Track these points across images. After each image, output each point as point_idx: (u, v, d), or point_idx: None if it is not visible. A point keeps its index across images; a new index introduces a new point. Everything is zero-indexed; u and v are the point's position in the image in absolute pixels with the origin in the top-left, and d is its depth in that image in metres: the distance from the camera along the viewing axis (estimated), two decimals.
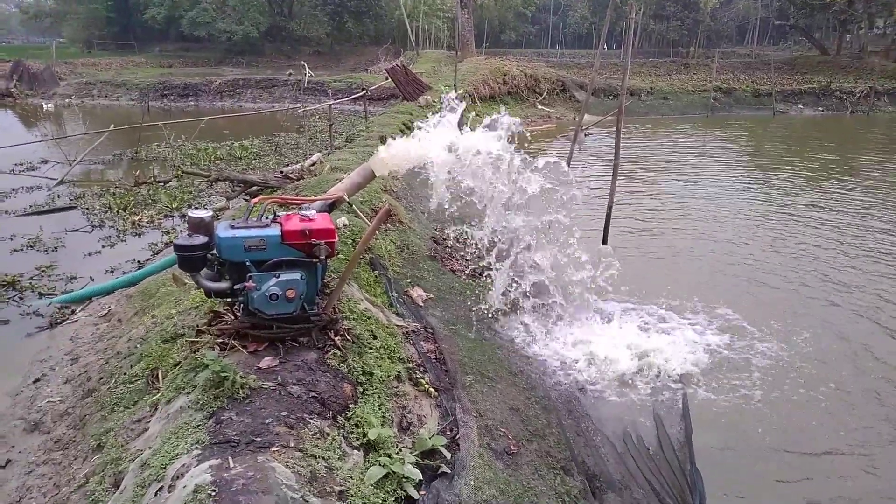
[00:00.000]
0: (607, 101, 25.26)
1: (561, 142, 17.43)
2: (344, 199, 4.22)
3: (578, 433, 3.79)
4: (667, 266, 7.65)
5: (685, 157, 16.17)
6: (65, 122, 21.90)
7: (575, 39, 58.06)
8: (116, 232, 8.10)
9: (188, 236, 3.08)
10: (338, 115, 19.66)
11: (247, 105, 27.58)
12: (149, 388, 3.46)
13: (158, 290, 5.11)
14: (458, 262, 6.16)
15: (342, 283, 3.65)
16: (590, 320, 5.35)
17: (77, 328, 5.24)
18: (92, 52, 44.44)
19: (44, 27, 57.66)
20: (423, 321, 4.62)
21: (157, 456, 2.56)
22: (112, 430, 3.21)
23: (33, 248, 7.48)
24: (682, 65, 37.56)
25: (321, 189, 5.91)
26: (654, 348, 5.04)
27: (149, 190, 10.03)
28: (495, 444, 3.33)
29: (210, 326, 3.46)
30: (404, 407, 3.43)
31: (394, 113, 14.80)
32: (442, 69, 26.94)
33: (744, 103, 28.36)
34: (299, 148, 14.28)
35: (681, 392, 4.54)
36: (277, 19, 44.01)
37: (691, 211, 10.43)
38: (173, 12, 41.93)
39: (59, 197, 9.95)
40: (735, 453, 4.05)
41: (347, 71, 36.35)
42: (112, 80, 30.77)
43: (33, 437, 3.83)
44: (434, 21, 43.12)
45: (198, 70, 35.50)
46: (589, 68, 32.49)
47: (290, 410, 2.80)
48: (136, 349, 4.06)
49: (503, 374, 4.19)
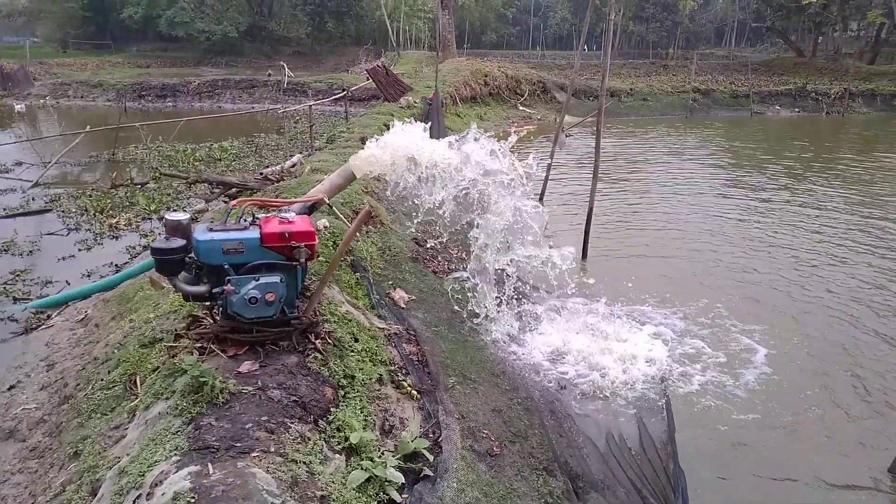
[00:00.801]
0: (588, 102, 25.44)
1: (542, 142, 17.51)
2: (324, 200, 4.19)
3: (561, 434, 3.81)
4: (648, 266, 7.71)
5: (664, 157, 16.34)
6: (39, 124, 21.52)
7: (555, 40, 58.41)
8: (93, 235, 7.99)
9: (166, 239, 3.04)
10: (318, 115, 19.56)
11: (226, 106, 27.34)
12: (127, 394, 3.41)
13: (136, 293, 5.04)
14: (441, 263, 6.15)
15: (322, 285, 3.63)
16: (571, 321, 5.38)
17: (53, 333, 5.15)
18: (67, 51, 43.74)
19: (17, 26, 56.51)
20: (405, 323, 4.60)
21: (135, 463, 2.52)
22: (89, 437, 3.15)
23: (7, 251, 7.35)
24: (661, 66, 37.99)
25: (301, 191, 5.87)
26: (636, 348, 5.08)
27: (126, 192, 9.89)
28: (478, 446, 3.33)
29: (189, 331, 3.41)
30: (386, 410, 3.42)
31: (375, 114, 14.77)
32: (423, 70, 26.91)
33: (722, 104, 28.71)
34: (279, 149, 14.19)
35: (663, 391, 4.58)
36: (257, 19, 43.69)
37: (672, 211, 10.53)
38: (151, 11, 41.44)
39: (34, 199, 9.79)
40: (718, 452, 4.10)
41: (328, 71, 36.20)
42: (88, 80, 30.31)
43: (8, 445, 3.75)
44: (415, 22, 43.07)
45: (176, 70, 35.12)
46: (569, 69, 32.66)
47: (270, 415, 2.78)
48: (113, 354, 4.00)
49: (485, 375, 4.20)
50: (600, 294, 6.02)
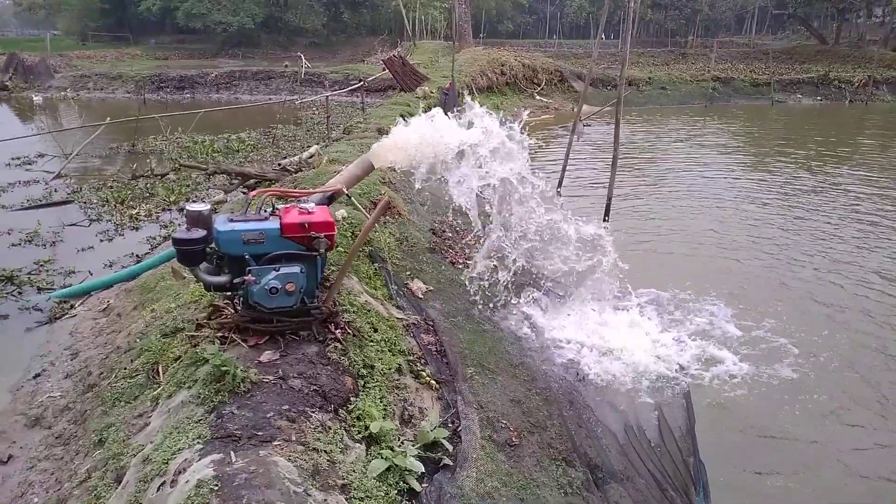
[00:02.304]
0: (605, 91, 25.18)
1: (559, 132, 17.39)
2: (343, 191, 4.20)
3: (580, 424, 3.79)
4: (668, 257, 7.65)
5: (684, 146, 16.15)
6: (60, 116, 21.78)
7: (572, 29, 57.80)
8: (114, 226, 8.06)
9: (187, 230, 3.06)
10: (335, 106, 19.56)
11: (243, 97, 27.44)
12: (149, 382, 3.45)
13: (157, 283, 5.09)
14: (458, 253, 6.14)
15: (342, 275, 3.64)
16: (590, 311, 5.34)
17: (76, 323, 5.22)
18: (87, 44, 44.09)
19: (38, 19, 57.23)
20: (424, 313, 4.60)
21: (158, 451, 2.55)
22: (113, 425, 3.20)
23: (31, 242, 7.45)
24: (680, 54, 37.47)
25: (319, 181, 5.89)
26: (656, 339, 5.04)
27: (146, 183, 9.98)
28: (497, 436, 3.33)
29: (210, 320, 3.45)
30: (406, 399, 3.43)
31: (391, 104, 14.74)
32: (439, 60, 26.80)
33: (742, 93, 28.29)
34: (296, 140, 14.21)
35: (683, 383, 4.54)
36: (273, 10, 43.69)
37: (692, 200, 10.42)
38: (168, 3, 41.58)
39: (56, 191, 9.90)
40: (740, 446, 4.06)
41: (344, 62, 36.16)
42: (107, 72, 30.54)
43: (34, 432, 3.82)
44: (431, 11, 42.83)
45: (194, 62, 35.26)
46: (587, 58, 32.36)
47: (291, 404, 2.80)
48: (136, 343, 4.05)
49: (504, 365, 4.19)
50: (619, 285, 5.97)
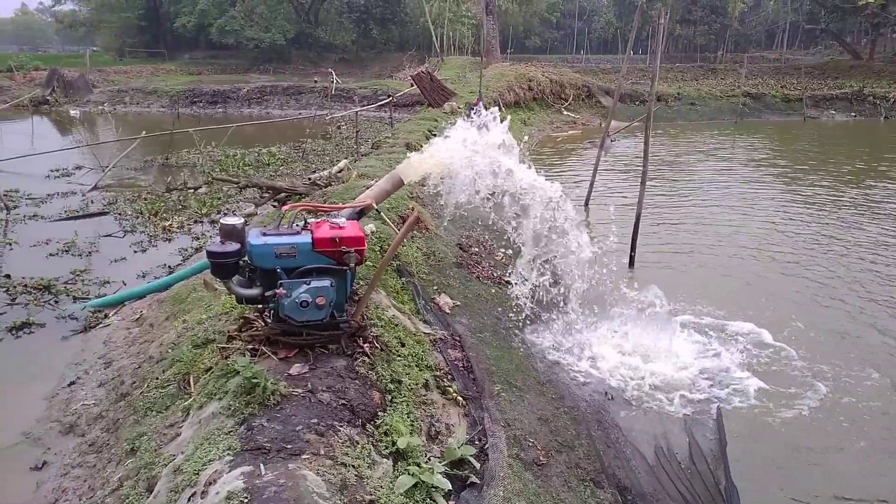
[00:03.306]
0: (633, 106, 25.10)
1: (587, 148, 17.33)
2: (372, 206, 4.23)
3: (608, 444, 3.74)
4: (698, 274, 7.54)
5: (713, 162, 15.97)
6: (98, 129, 22.40)
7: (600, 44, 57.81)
8: (147, 237, 8.24)
9: (220, 243, 3.11)
10: (363, 121, 19.79)
11: (274, 112, 27.94)
12: (181, 392, 3.50)
13: (189, 295, 5.18)
14: (485, 269, 6.13)
15: (371, 290, 3.66)
16: (620, 330, 5.29)
17: (110, 332, 5.33)
18: (124, 59, 45.46)
19: (78, 36, 59.15)
20: (450, 329, 4.60)
21: (189, 461, 2.58)
22: (145, 434, 3.25)
23: (68, 252, 7.64)
24: (709, 70, 37.19)
25: (349, 196, 5.95)
26: (686, 358, 4.96)
27: (179, 196, 10.20)
28: (524, 455, 3.30)
29: (241, 332, 3.49)
30: (432, 415, 3.42)
31: (419, 120, 14.86)
32: (466, 75, 26.98)
33: (773, 109, 27.92)
34: (325, 154, 14.40)
35: (714, 404, 4.45)
36: (304, 27, 44.58)
37: (722, 218, 10.27)
38: (203, 20, 42.73)
39: (92, 202, 10.16)
40: (773, 470, 3.96)
41: (372, 77, 36.64)
42: (143, 87, 31.41)
43: (68, 439, 3.90)
44: (458, 28, 43.24)
45: (226, 77, 36.05)
46: (614, 74, 32.30)
47: (320, 418, 2.81)
48: (167, 354, 4.11)
49: (531, 383, 4.16)
50: (648, 303, 5.90)
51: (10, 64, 35.84)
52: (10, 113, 23.25)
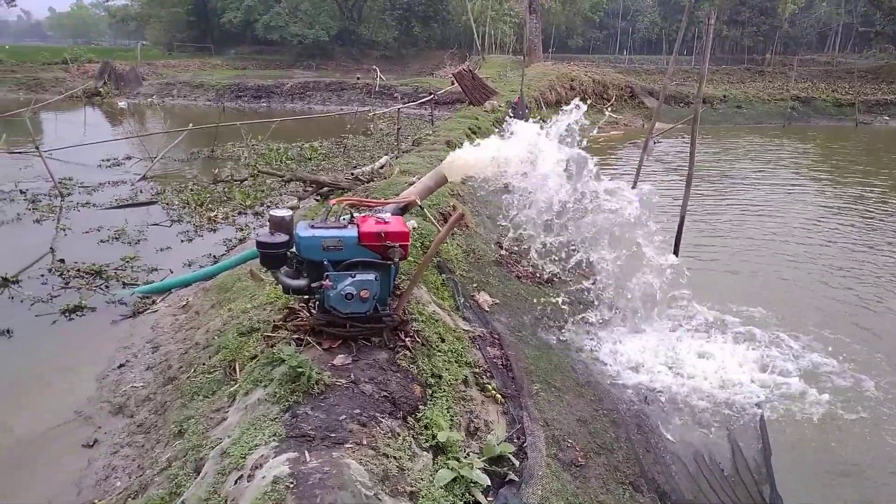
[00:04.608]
0: (678, 108, 24.68)
1: (629, 149, 17.10)
2: (416, 202, 4.27)
3: (648, 449, 3.70)
4: (742, 279, 7.39)
5: (759, 166, 15.59)
6: (146, 120, 23.05)
7: (644, 45, 56.89)
8: (193, 227, 8.45)
9: (270, 234, 3.18)
10: (404, 118, 19.92)
11: (316, 107, 28.31)
12: (226, 378, 3.59)
13: (234, 284, 5.30)
14: (524, 268, 6.12)
15: (413, 284, 3.69)
16: (661, 333, 5.21)
17: (158, 318, 5.49)
18: (172, 53, 46.58)
19: (129, 30, 60.98)
20: (489, 326, 4.61)
21: (236, 445, 2.64)
22: (192, 417, 3.34)
23: (118, 239, 7.89)
24: (756, 72, 36.25)
25: (391, 191, 6.00)
26: (729, 364, 4.86)
27: (224, 187, 10.43)
28: (563, 455, 3.29)
29: (286, 322, 3.56)
30: (472, 412, 3.43)
31: (460, 117, 14.87)
32: (507, 74, 26.89)
33: (823, 113, 27.10)
34: (366, 150, 14.54)
35: (758, 412, 4.35)
36: (347, 23, 45.01)
37: (767, 224, 10.03)
38: (249, 16, 43.48)
39: (141, 192, 10.48)
40: (818, 481, 3.86)
41: (413, 75, 36.81)
42: (190, 80, 32.18)
43: (118, 419, 4.03)
44: (501, 26, 43.08)
45: (270, 72, 36.65)
46: (658, 74, 31.78)
47: (362, 408, 2.85)
48: (213, 341, 4.22)
49: (570, 384, 4.14)
50: (691, 306, 5.81)
51: (66, 56, 37.13)
52: (64, 103, 24.10)
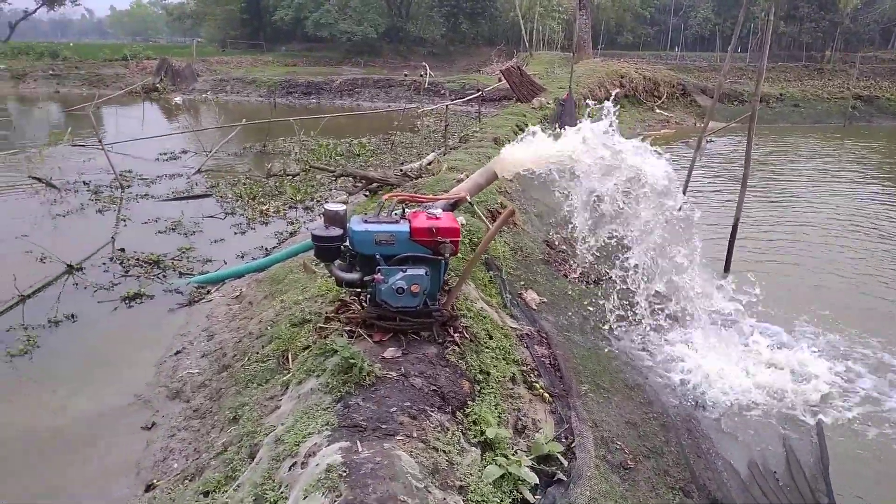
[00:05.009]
0: (731, 106, 24.01)
1: (680, 148, 16.72)
2: (466, 199, 4.28)
3: (699, 454, 3.63)
4: (798, 283, 7.15)
5: (817, 168, 15.03)
6: (201, 116, 23.72)
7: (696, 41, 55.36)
8: (246, 220, 8.67)
9: (325, 228, 3.24)
10: (451, 115, 19.95)
11: (364, 104, 28.61)
12: (279, 368, 3.68)
13: (286, 276, 5.42)
14: (572, 267, 6.06)
15: (462, 280, 3.70)
16: (714, 337, 5.09)
17: (212, 307, 5.66)
18: (226, 50, 47.75)
19: (185, 28, 62.83)
20: (537, 325, 4.59)
21: (290, 433, 2.71)
22: (246, 404, 3.44)
23: (174, 230, 8.16)
24: (815, 70, 34.88)
25: (439, 187, 6.03)
26: (784, 369, 4.71)
27: (275, 182, 10.65)
28: (611, 457, 3.25)
29: (338, 314, 3.62)
30: (519, 409, 3.43)
31: (507, 114, 14.79)
32: (555, 71, 26.63)
33: (887, 113, 25.92)
34: (413, 147, 14.62)
35: (815, 420, 4.21)
36: (395, 20, 45.31)
37: (826, 227, 9.67)
38: (299, 14, 44.21)
39: (196, 185, 10.80)
40: (878, 491, 3.71)
41: (460, 72, 36.81)
42: (243, 77, 32.95)
43: (175, 404, 4.18)
44: (549, 23, 42.65)
45: (319, 69, 37.20)
46: (711, 72, 30.95)
47: (412, 401, 2.88)
48: (266, 331, 4.33)
49: (619, 386, 4.09)
50: (744, 309, 5.65)
51: (126, 53, 38.58)
52: (124, 99, 24.99)
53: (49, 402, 4.35)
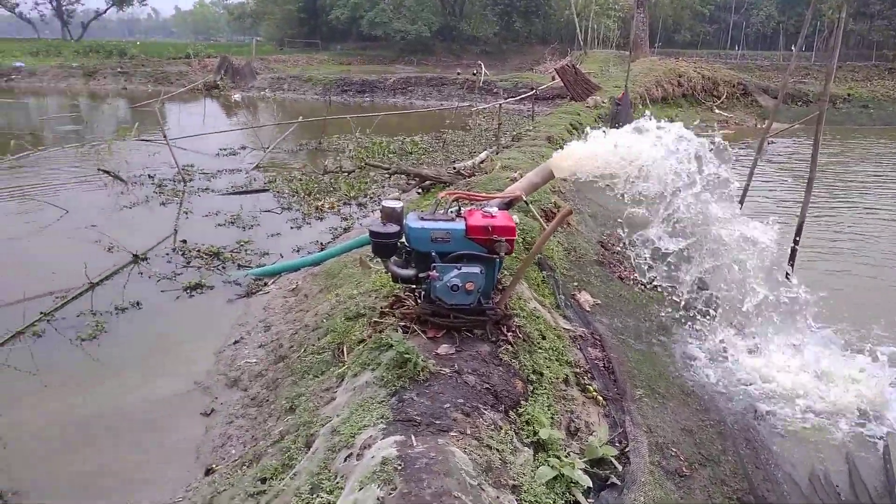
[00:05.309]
0: (794, 107, 23.12)
1: (740, 149, 16.19)
2: (521, 198, 4.25)
3: (757, 465, 3.51)
4: (865, 291, 6.83)
5: (887, 171, 14.33)
6: (259, 113, 24.35)
7: (758, 40, 53.52)
8: (302, 215, 8.86)
9: (382, 224, 3.28)
10: (503, 113, 19.89)
11: (417, 102, 28.81)
12: (335, 360, 3.75)
13: (341, 271, 5.52)
14: (627, 269, 5.96)
15: (516, 280, 3.69)
16: (776, 344, 4.91)
17: (269, 299, 5.81)
18: (284, 49, 48.88)
19: (245, 27, 64.68)
20: (591, 327, 4.53)
21: (346, 424, 2.76)
22: (303, 395, 3.52)
23: (234, 224, 8.42)
24: (886, 69, 33.16)
25: (493, 186, 6.02)
26: (850, 379, 4.51)
27: (330, 178, 10.85)
28: (666, 464, 3.19)
29: (392, 309, 3.67)
30: (572, 412, 3.40)
31: (560, 113, 14.67)
32: (610, 69, 26.24)
33: None
34: (465, 145, 14.65)
35: (882, 435, 4.02)
36: (449, 19, 45.45)
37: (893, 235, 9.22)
38: (355, 13, 44.88)
39: (254, 180, 11.10)
40: None
41: (513, 70, 36.65)
42: (299, 75, 33.67)
43: (233, 392, 4.32)
44: (604, 21, 42.01)
45: (373, 68, 37.69)
46: (773, 71, 29.88)
47: (465, 398, 2.89)
48: (322, 323, 4.42)
49: (674, 391, 4.00)
50: (808, 317, 5.43)
51: (189, 51, 39.95)
52: (186, 95, 25.90)
53: (115, 386, 4.55)
